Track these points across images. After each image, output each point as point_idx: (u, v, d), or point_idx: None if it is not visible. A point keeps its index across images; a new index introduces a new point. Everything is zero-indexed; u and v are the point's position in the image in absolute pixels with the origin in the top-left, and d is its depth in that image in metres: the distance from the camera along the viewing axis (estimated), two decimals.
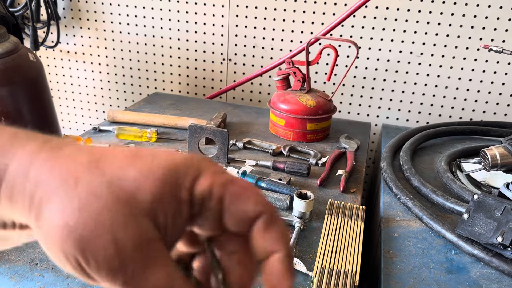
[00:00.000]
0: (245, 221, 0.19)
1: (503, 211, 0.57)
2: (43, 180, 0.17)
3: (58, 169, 0.17)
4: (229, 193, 0.19)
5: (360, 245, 0.60)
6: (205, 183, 0.18)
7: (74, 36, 1.33)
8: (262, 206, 0.19)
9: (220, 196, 0.19)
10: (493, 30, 1.02)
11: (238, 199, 0.19)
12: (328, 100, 0.94)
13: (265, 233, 0.19)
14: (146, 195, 0.17)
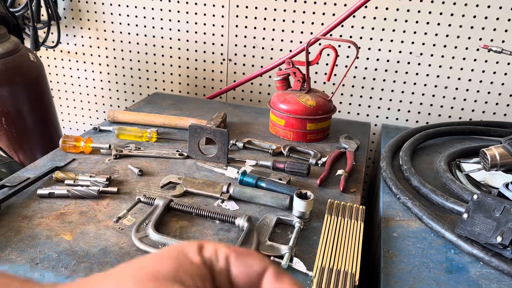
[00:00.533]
0: (254, 276, 0.21)
1: (503, 211, 0.57)
2: None
3: None
4: (234, 252, 0.21)
5: (359, 244, 0.61)
6: (209, 247, 0.21)
7: (75, 36, 1.34)
8: (267, 262, 0.21)
9: (226, 255, 0.21)
10: (493, 31, 1.02)
11: (243, 256, 0.21)
12: (328, 100, 0.95)
13: (277, 283, 0.20)
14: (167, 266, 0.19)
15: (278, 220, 0.65)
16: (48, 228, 0.60)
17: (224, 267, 0.21)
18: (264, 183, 0.73)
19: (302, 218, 0.65)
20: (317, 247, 0.60)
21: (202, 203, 0.69)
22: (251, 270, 0.21)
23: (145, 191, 0.71)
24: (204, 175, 0.78)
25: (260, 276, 0.21)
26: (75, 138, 0.82)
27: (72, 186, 0.68)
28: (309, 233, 0.64)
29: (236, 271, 0.21)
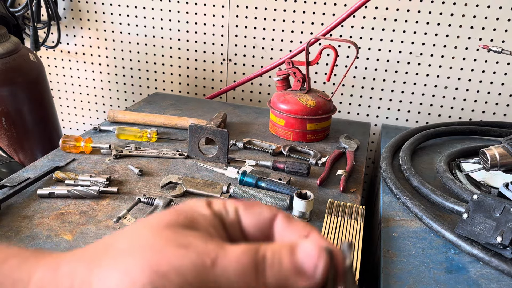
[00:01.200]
0: (264, 223, 0.21)
1: (503, 211, 0.57)
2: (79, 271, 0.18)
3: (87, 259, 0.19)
4: (242, 204, 0.21)
5: (359, 244, 0.61)
6: (218, 202, 0.22)
7: (75, 36, 1.34)
8: (275, 209, 0.21)
9: (235, 207, 0.21)
10: (493, 31, 1.02)
11: (251, 206, 0.21)
12: (328, 100, 0.95)
13: (289, 226, 0.21)
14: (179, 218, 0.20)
15: None
16: (48, 228, 0.60)
17: (234, 218, 0.21)
18: (264, 183, 0.73)
19: (302, 218, 0.65)
20: None
21: None
22: (261, 218, 0.21)
23: (145, 191, 0.71)
24: (204, 175, 0.78)
25: (270, 222, 0.21)
26: (75, 138, 0.82)
27: (72, 186, 0.68)
28: None
29: (247, 221, 0.21)
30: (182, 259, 0.17)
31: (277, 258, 0.18)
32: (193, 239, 0.18)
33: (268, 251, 0.18)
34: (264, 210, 0.21)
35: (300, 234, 0.20)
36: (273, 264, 0.18)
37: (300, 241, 0.19)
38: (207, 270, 0.17)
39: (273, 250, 0.18)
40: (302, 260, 0.18)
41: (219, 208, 0.21)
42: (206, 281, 0.17)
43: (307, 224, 0.21)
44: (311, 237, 0.20)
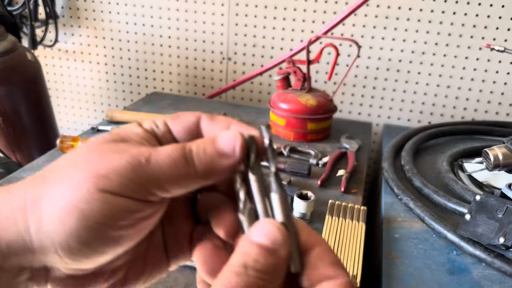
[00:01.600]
0: (191, 126, 0.23)
1: (505, 211, 0.56)
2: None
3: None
4: (170, 117, 0.24)
5: (361, 246, 0.60)
6: (147, 121, 0.24)
7: (73, 35, 1.33)
8: (199, 113, 0.24)
9: (163, 121, 0.24)
10: (495, 29, 1.01)
11: (178, 116, 0.24)
12: (328, 99, 0.94)
13: (212, 123, 0.23)
14: (112, 137, 0.22)
15: None
16: None
17: (164, 129, 0.23)
18: None
19: (303, 219, 0.65)
20: None
21: None
22: (188, 122, 0.23)
23: None
24: None
25: (196, 124, 0.23)
26: (72, 138, 0.81)
27: None
28: None
29: (176, 128, 0.23)
30: (119, 161, 0.19)
31: (202, 147, 0.21)
32: (127, 146, 0.21)
33: (193, 145, 0.21)
34: (189, 116, 0.24)
35: (222, 127, 0.23)
36: (199, 153, 0.21)
37: (220, 132, 0.22)
38: (142, 167, 0.20)
39: (198, 143, 0.21)
40: (222, 144, 0.21)
41: (149, 124, 0.23)
42: (144, 175, 0.19)
43: (228, 117, 0.23)
44: (231, 127, 0.23)
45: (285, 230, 0.20)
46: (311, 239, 0.20)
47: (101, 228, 0.19)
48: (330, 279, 0.19)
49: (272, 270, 0.19)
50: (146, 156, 0.20)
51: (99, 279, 0.22)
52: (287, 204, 0.21)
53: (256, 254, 0.19)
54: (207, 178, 0.21)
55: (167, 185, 0.20)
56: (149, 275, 0.24)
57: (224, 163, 0.21)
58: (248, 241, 0.20)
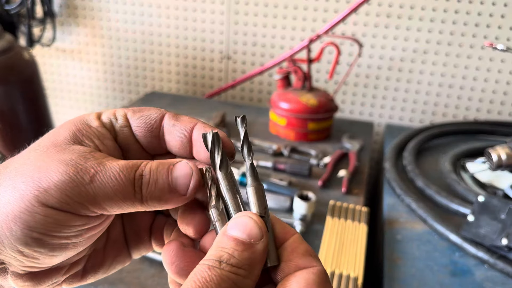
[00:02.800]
0: (152, 123, 0.22)
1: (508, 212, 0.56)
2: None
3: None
4: (131, 110, 0.23)
5: (363, 247, 0.59)
6: (107, 112, 0.23)
7: (71, 34, 1.32)
8: (163, 111, 0.23)
9: (124, 114, 0.23)
10: (498, 28, 1.01)
11: (140, 110, 0.23)
12: (329, 99, 0.93)
13: (176, 123, 0.22)
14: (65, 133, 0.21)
15: None
16: None
17: (123, 123, 0.22)
18: (265, 184, 0.71)
19: (304, 220, 0.64)
20: (319, 250, 0.59)
21: None
22: (149, 119, 0.22)
23: None
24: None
25: (158, 122, 0.22)
26: None
27: None
28: (311, 235, 0.62)
29: (135, 123, 0.22)
30: (61, 175, 0.19)
31: (154, 176, 0.20)
32: (74, 155, 0.20)
33: (145, 169, 0.20)
34: (152, 112, 0.22)
35: (184, 128, 0.22)
36: (150, 183, 0.20)
37: (177, 161, 0.21)
38: (85, 186, 0.19)
39: (151, 168, 0.20)
40: (176, 179, 0.20)
41: (108, 118, 0.22)
42: (85, 196, 0.19)
43: (192, 118, 0.22)
44: (196, 128, 0.22)
45: (262, 224, 0.19)
46: (284, 231, 0.20)
47: (45, 238, 0.19)
48: (303, 269, 0.19)
49: (248, 265, 0.18)
50: (91, 174, 0.19)
51: (56, 274, 0.22)
52: (263, 197, 0.20)
53: (232, 249, 0.18)
54: (150, 208, 0.20)
55: (107, 206, 0.19)
56: (109, 266, 0.24)
57: (173, 199, 0.20)
58: (225, 235, 0.19)
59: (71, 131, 0.21)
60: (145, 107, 0.23)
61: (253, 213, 0.20)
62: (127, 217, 0.25)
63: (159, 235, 0.24)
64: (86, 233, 0.20)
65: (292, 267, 0.19)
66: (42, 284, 0.21)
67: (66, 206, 0.19)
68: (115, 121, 0.22)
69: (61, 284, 0.23)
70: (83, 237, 0.20)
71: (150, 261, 0.56)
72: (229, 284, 0.17)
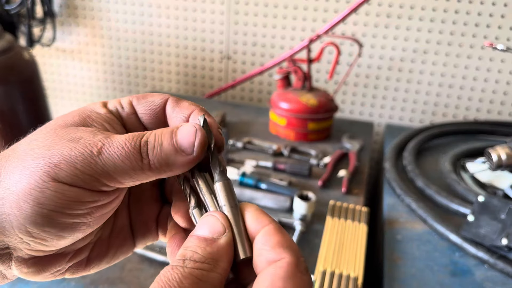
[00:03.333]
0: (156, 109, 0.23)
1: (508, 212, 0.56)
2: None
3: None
4: (135, 97, 0.23)
5: (363, 247, 0.59)
6: (113, 101, 0.23)
7: (71, 34, 1.32)
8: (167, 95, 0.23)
9: (129, 101, 0.23)
10: (498, 28, 1.01)
11: (144, 96, 0.23)
12: (330, 99, 0.93)
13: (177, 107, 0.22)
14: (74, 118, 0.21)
15: (279, 222, 0.64)
16: None
17: (130, 111, 0.23)
18: (265, 184, 0.71)
19: (304, 220, 0.64)
20: (318, 250, 0.59)
21: None
22: (153, 105, 0.23)
23: None
24: None
25: (162, 107, 0.23)
26: None
27: None
28: (311, 235, 0.62)
29: (141, 110, 0.23)
30: (71, 150, 0.19)
31: (158, 140, 0.20)
32: (83, 133, 0.20)
33: (151, 136, 0.20)
34: (156, 97, 0.23)
35: (184, 114, 0.22)
36: (155, 147, 0.20)
37: (181, 124, 0.21)
38: (94, 158, 0.19)
39: (155, 134, 0.20)
40: (181, 139, 0.20)
41: (114, 105, 0.23)
42: (94, 168, 0.19)
43: (192, 103, 0.23)
44: (193, 114, 0.22)
45: (225, 219, 0.19)
46: (256, 223, 0.20)
47: (56, 215, 0.19)
48: (272, 263, 0.18)
49: (212, 259, 0.18)
50: (99, 146, 0.19)
51: (61, 260, 0.22)
52: (229, 192, 0.21)
53: (195, 246, 0.19)
54: (161, 173, 0.20)
55: (119, 177, 0.19)
56: (113, 256, 0.24)
57: (181, 160, 0.20)
58: (190, 235, 0.19)
59: (80, 117, 0.21)
60: (148, 93, 0.23)
61: (216, 211, 0.20)
62: (134, 205, 0.25)
63: (165, 225, 0.25)
64: (96, 212, 0.20)
65: (263, 261, 0.19)
66: (47, 270, 0.21)
67: (77, 181, 0.19)
68: (121, 109, 0.23)
69: (65, 272, 0.23)
70: (93, 216, 0.20)
71: (150, 261, 0.56)
72: (192, 279, 0.17)
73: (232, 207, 0.20)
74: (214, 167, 0.21)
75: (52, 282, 0.51)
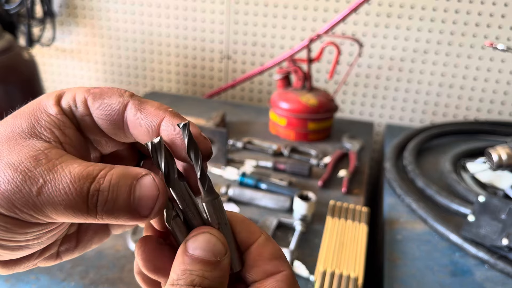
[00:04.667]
0: (114, 115, 0.20)
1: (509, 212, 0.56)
2: None
3: None
4: (92, 94, 0.20)
5: (363, 247, 0.59)
6: (68, 95, 0.20)
7: (70, 33, 1.32)
8: (126, 96, 0.20)
9: (83, 100, 0.20)
10: (498, 28, 1.00)
11: (101, 97, 0.20)
12: (330, 99, 0.93)
13: (141, 115, 0.20)
14: (22, 124, 0.19)
15: (279, 222, 0.64)
16: None
17: (84, 112, 0.20)
18: (265, 184, 0.71)
19: (304, 220, 0.64)
20: (319, 250, 0.58)
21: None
22: (110, 110, 0.20)
23: None
24: None
25: (120, 113, 0.20)
26: None
27: None
28: (311, 235, 0.62)
29: (96, 113, 0.20)
30: (8, 184, 0.17)
31: (113, 194, 0.17)
32: (26, 156, 0.18)
33: (105, 183, 0.17)
34: (113, 100, 0.20)
35: (153, 120, 0.20)
36: (107, 201, 0.17)
37: (142, 174, 0.18)
38: (32, 198, 0.17)
39: (111, 183, 0.18)
40: (138, 200, 0.18)
41: (68, 104, 0.20)
42: (32, 207, 0.17)
43: (159, 107, 0.20)
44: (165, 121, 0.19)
45: (223, 238, 0.19)
46: (248, 235, 0.20)
47: (1, 242, 0.18)
48: (271, 276, 0.18)
49: (220, 282, 0.18)
50: (39, 185, 0.17)
51: (29, 259, 0.21)
52: (221, 209, 0.20)
53: (201, 270, 0.18)
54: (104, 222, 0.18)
55: (58, 218, 0.18)
56: (85, 246, 0.23)
57: (133, 221, 0.18)
58: (189, 256, 0.18)
59: (28, 122, 0.19)
60: (107, 90, 0.20)
61: (211, 228, 0.19)
62: None
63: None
64: (45, 235, 0.19)
65: (259, 273, 0.19)
66: (16, 269, 0.21)
67: (14, 215, 0.17)
68: (75, 108, 0.20)
69: (36, 265, 0.22)
70: (43, 239, 0.19)
71: None
72: None
73: (226, 224, 0.20)
74: (203, 183, 0.19)
75: (52, 282, 0.51)
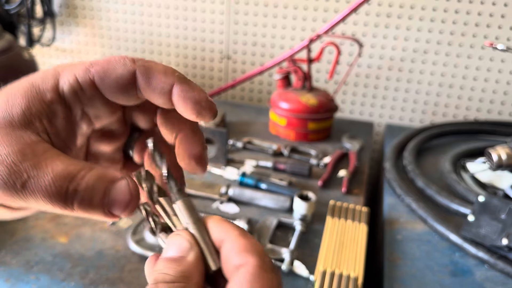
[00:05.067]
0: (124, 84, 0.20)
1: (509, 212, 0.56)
2: None
3: None
4: (97, 74, 0.20)
5: (363, 247, 0.59)
6: (69, 78, 0.20)
7: (70, 33, 1.32)
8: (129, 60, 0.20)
9: (90, 81, 0.20)
10: (498, 28, 1.00)
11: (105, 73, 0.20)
12: (330, 99, 0.93)
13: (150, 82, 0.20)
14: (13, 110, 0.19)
15: (279, 222, 0.64)
16: (43, 230, 0.59)
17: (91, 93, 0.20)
18: (265, 184, 0.71)
19: (304, 220, 0.64)
20: (319, 250, 0.58)
21: (201, 205, 0.67)
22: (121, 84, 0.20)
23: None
24: (203, 176, 0.76)
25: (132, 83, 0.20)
26: None
27: None
28: (311, 235, 0.62)
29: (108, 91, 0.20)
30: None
31: (88, 194, 0.19)
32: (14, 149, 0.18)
33: (81, 184, 0.19)
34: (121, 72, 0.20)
35: (164, 91, 0.20)
36: (83, 200, 0.19)
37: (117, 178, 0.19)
38: (16, 191, 0.18)
39: (87, 184, 0.19)
40: (111, 204, 0.19)
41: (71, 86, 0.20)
42: (17, 200, 0.18)
43: (167, 70, 0.20)
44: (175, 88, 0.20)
45: (189, 235, 0.20)
46: (222, 232, 0.20)
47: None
48: (238, 269, 0.18)
49: (184, 277, 0.18)
50: (24, 179, 0.18)
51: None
52: (190, 208, 0.21)
53: (164, 268, 0.19)
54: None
55: (37, 208, 0.19)
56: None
57: (105, 217, 0.20)
58: (160, 258, 0.20)
59: (22, 107, 0.19)
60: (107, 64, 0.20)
61: (180, 230, 0.20)
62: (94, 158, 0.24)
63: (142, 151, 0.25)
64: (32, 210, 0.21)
65: (230, 268, 0.19)
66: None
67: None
68: (81, 92, 0.20)
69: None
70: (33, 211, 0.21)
71: None
72: None
73: (195, 223, 0.20)
74: (171, 189, 0.21)
75: (52, 282, 0.51)
